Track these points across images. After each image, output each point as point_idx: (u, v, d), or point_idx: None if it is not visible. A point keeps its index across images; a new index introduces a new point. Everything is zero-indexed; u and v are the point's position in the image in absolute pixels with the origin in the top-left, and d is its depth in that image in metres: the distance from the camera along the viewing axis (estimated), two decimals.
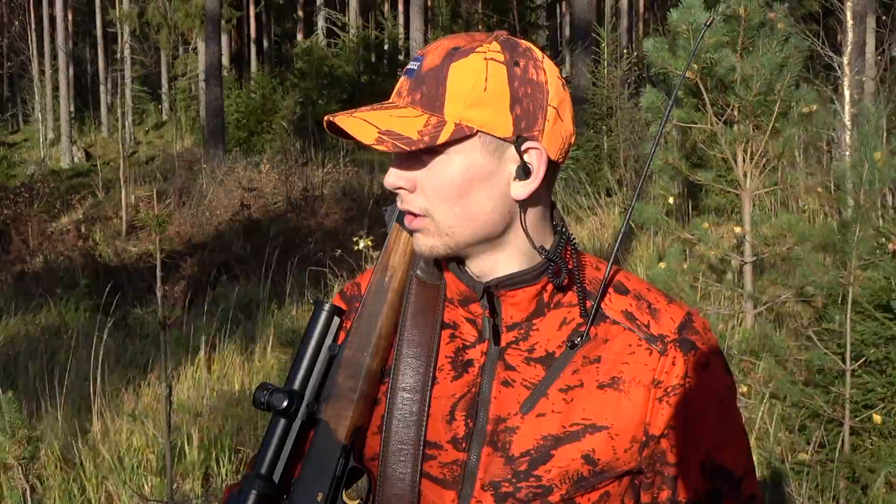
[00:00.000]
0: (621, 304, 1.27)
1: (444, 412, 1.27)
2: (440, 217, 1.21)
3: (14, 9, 38.24)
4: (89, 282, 10.42)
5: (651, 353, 1.24)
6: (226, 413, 5.44)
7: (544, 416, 1.23)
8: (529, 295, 1.25)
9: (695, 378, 1.24)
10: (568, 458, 1.22)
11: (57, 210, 17.77)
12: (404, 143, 1.16)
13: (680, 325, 1.25)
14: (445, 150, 1.18)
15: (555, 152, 1.22)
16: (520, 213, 1.23)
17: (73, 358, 6.36)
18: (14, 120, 39.61)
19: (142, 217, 13.81)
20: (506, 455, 1.23)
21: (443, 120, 1.17)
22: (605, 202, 10.76)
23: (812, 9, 17.17)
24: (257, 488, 1.24)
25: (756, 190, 5.61)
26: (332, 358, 1.29)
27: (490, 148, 1.19)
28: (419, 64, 1.21)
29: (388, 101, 1.23)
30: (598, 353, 1.25)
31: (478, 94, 1.17)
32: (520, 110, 1.18)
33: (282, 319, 7.77)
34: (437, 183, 1.19)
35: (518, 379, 1.25)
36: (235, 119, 23.91)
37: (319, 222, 13.20)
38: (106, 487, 4.75)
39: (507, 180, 1.20)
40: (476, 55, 1.18)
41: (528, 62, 1.20)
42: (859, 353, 4.04)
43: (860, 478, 3.98)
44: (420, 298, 1.31)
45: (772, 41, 5.12)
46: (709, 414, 1.26)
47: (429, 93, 1.18)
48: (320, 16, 33.09)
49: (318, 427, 1.28)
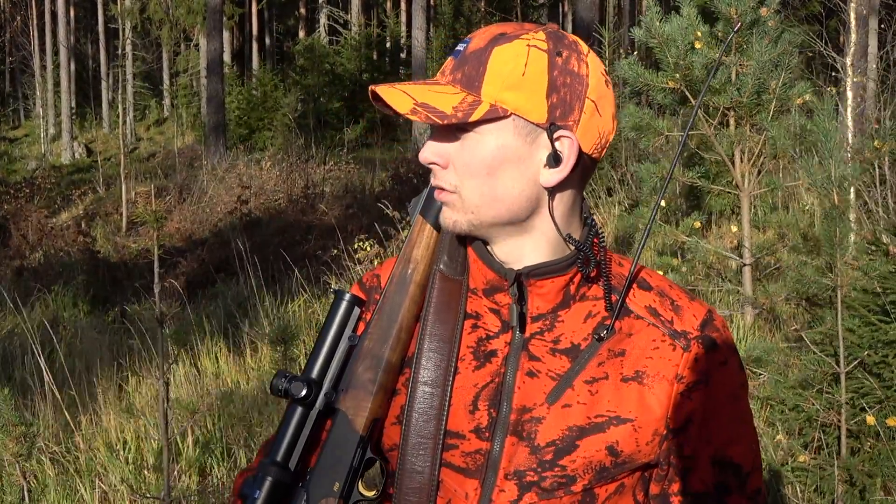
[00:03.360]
0: (645, 300, 1.30)
1: (467, 402, 1.28)
2: (467, 194, 1.23)
3: (16, 4, 38.24)
4: (87, 277, 10.42)
5: (675, 349, 1.26)
6: (221, 410, 5.44)
7: (570, 406, 1.25)
8: (558, 286, 1.26)
9: (714, 375, 1.27)
10: (593, 449, 1.24)
11: (57, 205, 17.79)
12: (438, 116, 1.18)
13: (702, 323, 1.28)
14: (479, 128, 1.20)
15: (589, 145, 1.23)
16: (548, 201, 1.24)
17: (70, 353, 6.36)
18: (15, 115, 39.62)
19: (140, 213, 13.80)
20: (531, 445, 1.25)
21: (479, 99, 1.19)
22: (606, 200, 10.75)
23: (815, 10, 17.15)
24: (273, 475, 1.25)
25: (754, 190, 5.59)
26: (351, 348, 1.30)
27: (523, 132, 1.20)
28: (466, 46, 1.23)
29: (431, 79, 1.25)
30: (622, 346, 1.27)
31: (516, 77, 1.19)
32: (556, 98, 1.20)
33: (280, 317, 7.76)
34: (469, 160, 1.22)
35: (543, 370, 1.26)
36: (237, 116, 23.92)
37: (320, 220, 13.19)
38: (101, 483, 4.74)
39: (538, 166, 1.22)
40: (520, 41, 1.20)
41: (572, 54, 1.22)
42: (854, 356, 4.03)
43: (858, 482, 3.97)
44: (443, 293, 1.32)
45: (763, 40, 5.10)
46: (723, 409, 1.29)
47: (469, 73, 1.21)
48: (322, 13, 33.08)
49: (336, 417, 1.28)
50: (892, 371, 4.02)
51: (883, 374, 4.04)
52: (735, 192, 5.70)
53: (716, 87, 5.23)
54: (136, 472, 4.87)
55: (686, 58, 5.14)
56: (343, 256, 8.72)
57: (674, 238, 5.68)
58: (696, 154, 6.55)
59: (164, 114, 35.17)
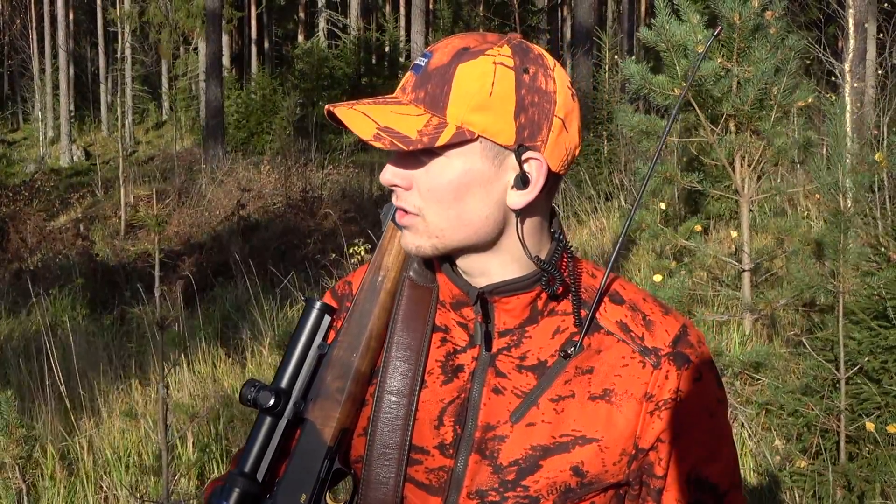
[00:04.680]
0: (616, 315, 1.26)
1: (432, 417, 1.25)
2: (432, 218, 1.19)
3: (15, 7, 38.23)
4: (85, 280, 10.41)
5: (644, 367, 1.22)
6: (220, 413, 5.44)
7: (534, 425, 1.21)
8: (523, 302, 1.23)
9: (686, 391, 1.23)
10: (556, 469, 1.20)
11: (56, 209, 17.78)
12: (402, 141, 1.13)
13: (675, 339, 1.24)
14: (445, 152, 1.16)
15: (556, 163, 1.19)
16: (516, 222, 1.20)
17: (68, 357, 6.35)
18: (14, 118, 39.60)
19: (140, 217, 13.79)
20: (493, 464, 1.22)
21: (444, 121, 1.15)
22: (605, 206, 10.75)
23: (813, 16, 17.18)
24: (241, 486, 1.23)
25: (754, 196, 5.60)
26: (321, 357, 1.28)
27: (490, 154, 1.16)
28: (427, 61, 1.18)
29: (391, 96, 1.20)
30: (590, 363, 1.23)
31: (483, 98, 1.14)
32: (524, 119, 1.15)
33: (279, 320, 7.76)
34: (434, 184, 1.17)
35: (509, 387, 1.23)
36: (235, 119, 23.94)
37: (318, 223, 13.19)
38: (101, 487, 4.74)
39: (505, 188, 1.18)
40: (485, 58, 1.15)
41: (539, 69, 1.17)
42: (854, 362, 4.04)
43: (856, 487, 3.97)
44: (412, 300, 1.29)
45: (765, 45, 5.11)
46: (698, 427, 1.24)
47: (433, 92, 1.15)
48: (322, 17, 33.09)
49: (304, 427, 1.26)
50: (891, 377, 4.03)
51: (882, 379, 4.04)
52: (734, 197, 5.71)
53: (718, 94, 5.23)
54: (136, 475, 4.87)
55: (700, 68, 5.14)
56: (342, 260, 8.73)
57: (673, 241, 5.68)
58: (696, 159, 6.56)
59: (163, 117, 35.16)
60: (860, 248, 4.05)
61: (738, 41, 5.20)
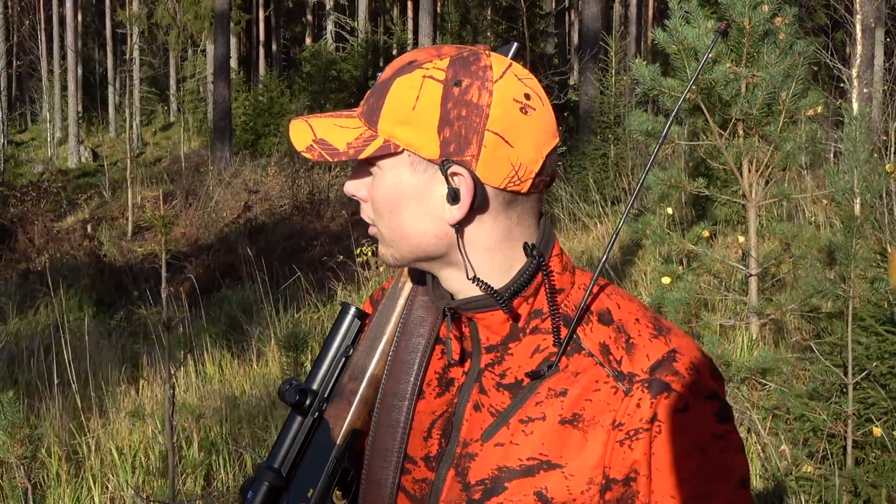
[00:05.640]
0: (600, 336, 1.19)
1: (424, 428, 1.26)
2: (383, 230, 1.21)
3: (24, 8, 38.37)
4: (92, 281, 10.44)
5: (615, 392, 1.15)
6: (226, 415, 5.45)
7: (502, 446, 1.19)
8: (499, 318, 1.20)
9: (667, 422, 1.14)
10: (521, 493, 1.17)
11: (63, 209, 17.83)
12: (329, 153, 1.15)
13: (654, 365, 1.15)
14: (380, 164, 1.17)
15: (497, 179, 1.14)
16: (456, 237, 1.17)
17: (76, 357, 6.37)
18: (22, 119, 39.74)
19: (147, 218, 13.81)
20: (463, 481, 1.20)
21: (375, 134, 1.15)
22: (612, 210, 10.75)
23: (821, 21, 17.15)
24: (269, 480, 1.28)
25: (762, 201, 5.59)
26: (345, 360, 1.32)
27: (419, 168, 1.15)
28: (380, 74, 1.20)
29: (350, 109, 1.23)
30: (564, 385, 1.17)
31: (406, 111, 1.14)
32: (449, 132, 1.13)
33: (285, 322, 7.77)
34: (376, 196, 1.19)
35: (486, 404, 1.21)
36: (243, 121, 23.98)
37: (325, 226, 13.21)
38: (107, 487, 4.75)
39: (440, 202, 1.16)
40: (419, 71, 1.15)
41: (474, 82, 1.13)
42: (862, 367, 4.03)
43: (862, 492, 3.96)
44: (421, 307, 1.29)
45: (774, 50, 5.11)
46: (686, 462, 1.14)
47: (372, 105, 1.17)
48: (329, 20, 33.15)
49: (321, 425, 1.30)
50: None
51: (889, 385, 4.04)
52: (742, 201, 5.70)
53: (727, 98, 5.23)
54: (142, 476, 4.88)
55: (710, 72, 5.14)
56: (348, 262, 8.74)
57: (680, 246, 5.68)
58: (703, 163, 6.56)
59: (171, 119, 35.25)
60: (868, 254, 4.05)
61: (747, 46, 5.20)
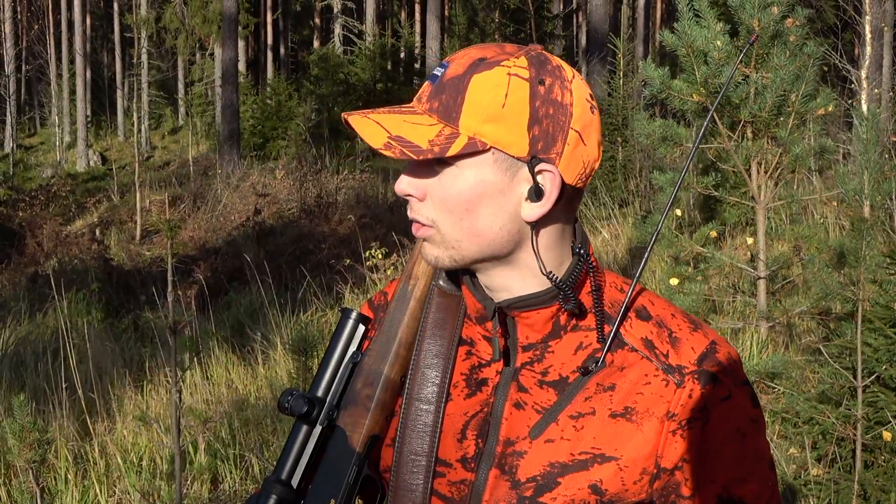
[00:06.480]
0: (642, 331, 1.23)
1: (456, 430, 1.25)
2: (446, 229, 1.19)
3: (33, 13, 38.51)
4: (100, 285, 10.46)
5: (667, 385, 1.20)
6: (233, 418, 5.44)
7: (553, 442, 1.20)
8: (544, 317, 1.22)
9: (713, 410, 1.20)
10: (574, 487, 1.19)
11: (72, 213, 17.88)
12: (413, 150, 1.13)
13: (700, 356, 1.21)
14: (457, 162, 1.15)
15: (572, 176, 1.18)
16: (531, 235, 1.19)
17: (84, 360, 6.38)
18: (31, 123, 39.88)
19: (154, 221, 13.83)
20: (512, 479, 1.21)
21: (456, 132, 1.14)
22: (620, 213, 10.73)
23: (830, 22, 17.12)
24: (277, 493, 1.25)
25: (771, 203, 5.57)
26: (354, 366, 1.30)
27: (503, 166, 1.15)
28: (443, 71, 1.17)
29: (408, 105, 1.20)
30: (612, 380, 1.21)
31: (495, 109, 1.13)
32: (538, 130, 1.14)
33: (293, 326, 7.77)
34: (446, 195, 1.17)
35: (530, 402, 1.22)
36: (251, 125, 24.02)
37: (333, 229, 13.21)
38: (114, 491, 4.75)
39: (519, 200, 1.17)
40: (500, 69, 1.15)
41: (555, 81, 1.16)
42: (871, 370, 4.01)
43: (872, 496, 3.94)
44: (440, 309, 1.29)
45: (784, 52, 5.09)
46: (728, 446, 1.21)
47: (447, 102, 1.15)
48: (337, 23, 33.20)
49: (334, 433, 1.28)
50: None
51: None
52: (750, 203, 5.68)
53: (736, 100, 5.21)
54: (148, 480, 4.87)
55: (719, 75, 5.12)
56: (356, 266, 8.73)
57: (689, 248, 5.66)
58: (712, 165, 6.53)
59: (179, 122, 35.33)
60: (878, 256, 4.02)
61: (756, 47, 5.18)
